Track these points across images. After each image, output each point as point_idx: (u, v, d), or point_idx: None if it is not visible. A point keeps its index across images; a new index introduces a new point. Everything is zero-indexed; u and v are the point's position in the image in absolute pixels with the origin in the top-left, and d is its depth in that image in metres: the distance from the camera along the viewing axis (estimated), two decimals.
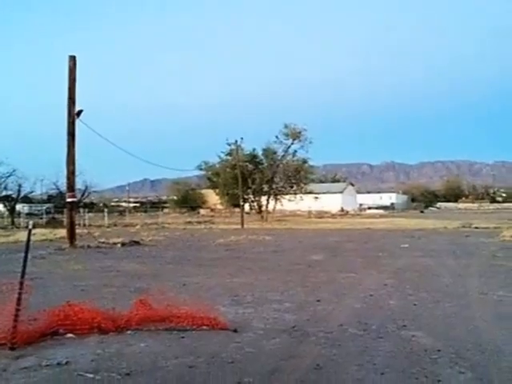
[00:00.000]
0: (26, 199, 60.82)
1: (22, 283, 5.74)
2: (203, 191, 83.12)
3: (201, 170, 60.02)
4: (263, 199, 53.84)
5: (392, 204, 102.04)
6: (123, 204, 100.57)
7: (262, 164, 54.07)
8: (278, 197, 54.33)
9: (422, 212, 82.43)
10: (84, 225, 39.10)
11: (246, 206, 52.79)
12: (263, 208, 53.08)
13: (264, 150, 53.94)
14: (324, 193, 70.76)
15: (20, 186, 48.78)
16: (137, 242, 21.39)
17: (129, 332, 6.17)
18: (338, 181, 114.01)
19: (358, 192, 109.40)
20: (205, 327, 6.29)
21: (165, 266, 13.54)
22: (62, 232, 24.03)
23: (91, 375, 4.67)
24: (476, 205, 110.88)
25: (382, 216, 63.67)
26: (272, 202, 54.02)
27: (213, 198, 74.05)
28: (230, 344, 5.67)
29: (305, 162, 53.30)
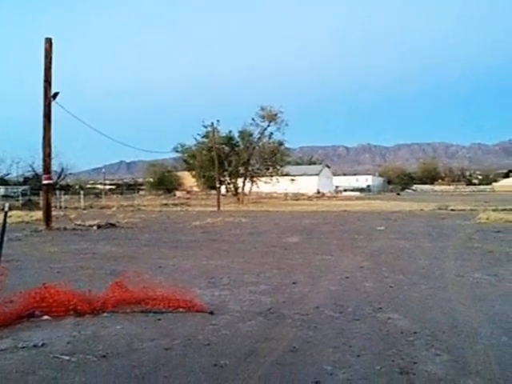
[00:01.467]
0: (2, 181, 59.89)
1: None
2: (179, 173, 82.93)
3: (177, 152, 59.57)
4: (239, 181, 53.85)
5: (368, 186, 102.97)
6: (99, 186, 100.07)
7: (239, 146, 53.94)
8: (255, 179, 54.36)
9: (398, 194, 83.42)
10: (60, 207, 38.87)
11: (223, 189, 52.79)
12: (239, 190, 53.10)
13: (240, 132, 53.82)
14: (300, 175, 71.15)
15: None
16: (113, 225, 21.28)
17: (105, 314, 6.14)
18: (315, 163, 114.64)
19: (335, 174, 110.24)
20: (181, 309, 6.27)
21: (141, 248, 13.42)
22: (38, 214, 23.86)
23: (67, 357, 4.66)
24: (452, 187, 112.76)
25: (358, 198, 64.23)
26: (248, 185, 54.09)
27: (189, 180, 73.86)
28: (206, 326, 5.65)
29: (281, 144, 53.41)
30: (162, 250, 13.05)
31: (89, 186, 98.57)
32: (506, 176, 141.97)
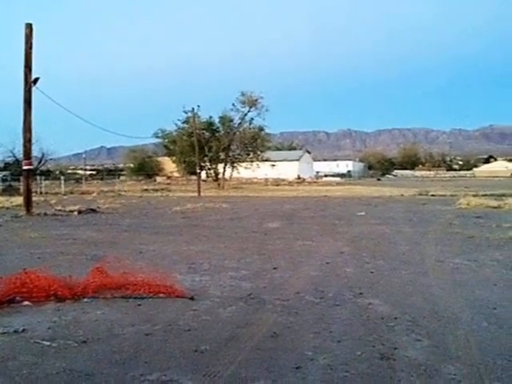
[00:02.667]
0: None
1: None
2: (160, 159, 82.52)
3: (157, 137, 59.15)
4: (220, 167, 53.73)
5: (349, 172, 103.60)
6: (80, 172, 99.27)
7: (219, 132, 53.80)
8: (235, 164, 54.30)
9: (378, 180, 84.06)
10: (41, 192, 38.54)
11: (203, 174, 52.68)
12: (220, 176, 52.99)
13: (221, 117, 53.64)
14: (281, 160, 71.16)
15: None
16: (93, 210, 21.17)
17: (85, 300, 6.12)
18: (295, 148, 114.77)
19: (315, 160, 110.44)
20: (161, 295, 6.25)
21: (121, 234, 13.32)
22: (19, 200, 23.67)
23: (48, 343, 4.64)
24: (433, 172, 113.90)
25: (338, 184, 64.58)
26: (229, 170, 54.01)
27: (169, 165, 73.60)
28: (186, 312, 5.64)
29: (261, 129, 53.43)
30: (142, 235, 12.95)
31: (69, 171, 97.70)
32: (487, 161, 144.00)
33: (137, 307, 5.83)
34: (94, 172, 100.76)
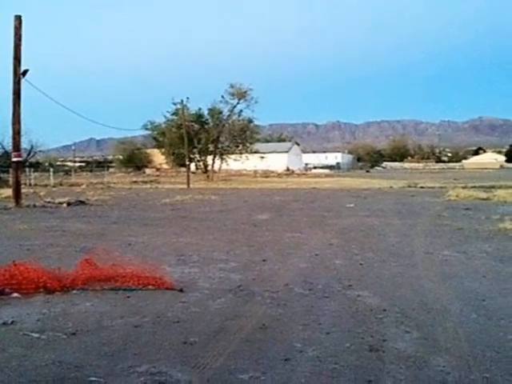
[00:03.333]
0: None
1: None
2: (149, 151, 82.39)
3: (146, 129, 58.74)
4: (209, 159, 53.59)
5: (338, 163, 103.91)
6: (69, 163, 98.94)
7: (208, 124, 53.69)
8: (224, 156, 54.18)
9: (367, 172, 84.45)
10: (30, 184, 38.46)
11: (192, 166, 52.57)
12: (209, 168, 52.87)
13: (210, 109, 53.52)
14: (270, 152, 71.12)
15: None
16: (82, 202, 21.14)
17: (74, 292, 6.09)
18: (284, 140, 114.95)
19: (304, 151, 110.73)
20: (150, 287, 6.23)
21: (110, 226, 13.26)
22: (8, 192, 23.56)
23: (37, 335, 4.61)
24: (422, 164, 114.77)
25: (327, 176, 64.72)
26: (218, 162, 53.88)
27: (159, 157, 73.45)
28: (175, 304, 5.63)
29: (250, 121, 53.41)
30: (131, 227, 12.92)
31: (58, 163, 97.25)
32: (476, 153, 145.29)
33: (126, 299, 5.80)
34: (83, 164, 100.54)
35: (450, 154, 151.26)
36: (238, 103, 51.45)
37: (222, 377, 3.73)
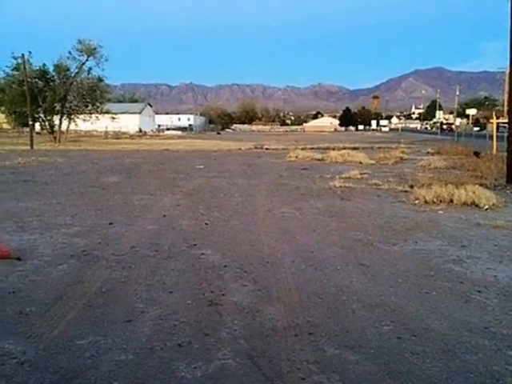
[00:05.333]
0: None
1: None
2: None
3: None
4: (56, 119, 49.87)
5: (190, 125, 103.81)
6: None
7: (54, 81, 49.54)
8: (72, 116, 50.84)
9: (218, 134, 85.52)
10: None
11: (37, 126, 48.58)
12: (56, 128, 49.29)
13: (55, 66, 49.25)
14: (122, 113, 68.41)
15: None
16: None
17: None
18: (137, 101, 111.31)
19: (157, 113, 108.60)
20: None
21: None
22: None
23: None
24: (268, 127, 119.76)
25: (180, 137, 64.35)
26: (65, 122, 50.43)
27: None
28: (11, 273, 5.34)
29: (100, 80, 50.44)
30: None
31: None
32: (315, 117, 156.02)
33: None
34: None
35: (293, 118, 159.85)
36: (86, 60, 48.10)
37: (59, 344, 3.66)
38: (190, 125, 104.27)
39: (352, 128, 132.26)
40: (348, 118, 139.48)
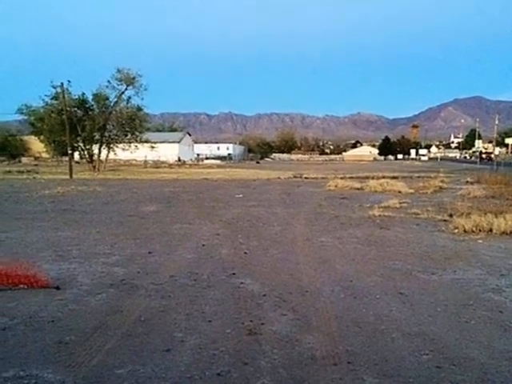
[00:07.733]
0: None
1: None
2: (26, 138, 76.02)
3: (22, 113, 54.16)
4: (95, 148, 51.08)
5: (229, 154, 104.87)
6: None
7: (93, 110, 50.88)
8: (111, 145, 51.92)
9: (257, 163, 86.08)
10: None
11: (76, 155, 49.71)
12: (95, 157, 50.45)
13: (94, 95, 50.60)
14: (161, 142, 69.78)
15: None
16: None
17: None
18: (176, 130, 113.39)
19: (196, 142, 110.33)
20: (22, 286, 5.86)
21: None
22: None
23: None
24: (307, 156, 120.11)
25: (219, 166, 65.02)
26: (105, 151, 51.51)
27: (37, 145, 68.42)
28: (51, 302, 5.38)
29: (139, 109, 51.42)
30: (2, 221, 12.00)
31: None
32: (354, 146, 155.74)
33: None
34: None
35: (331, 147, 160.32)
36: (126, 89, 49.30)
37: (98, 374, 3.66)
38: (229, 154, 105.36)
39: (391, 157, 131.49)
40: (387, 147, 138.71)
